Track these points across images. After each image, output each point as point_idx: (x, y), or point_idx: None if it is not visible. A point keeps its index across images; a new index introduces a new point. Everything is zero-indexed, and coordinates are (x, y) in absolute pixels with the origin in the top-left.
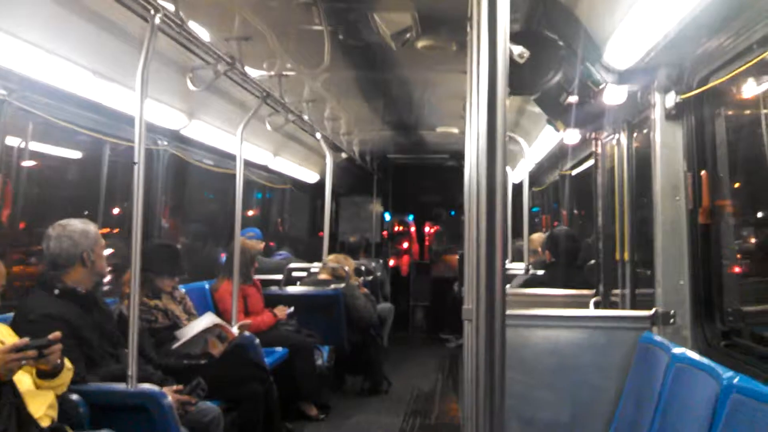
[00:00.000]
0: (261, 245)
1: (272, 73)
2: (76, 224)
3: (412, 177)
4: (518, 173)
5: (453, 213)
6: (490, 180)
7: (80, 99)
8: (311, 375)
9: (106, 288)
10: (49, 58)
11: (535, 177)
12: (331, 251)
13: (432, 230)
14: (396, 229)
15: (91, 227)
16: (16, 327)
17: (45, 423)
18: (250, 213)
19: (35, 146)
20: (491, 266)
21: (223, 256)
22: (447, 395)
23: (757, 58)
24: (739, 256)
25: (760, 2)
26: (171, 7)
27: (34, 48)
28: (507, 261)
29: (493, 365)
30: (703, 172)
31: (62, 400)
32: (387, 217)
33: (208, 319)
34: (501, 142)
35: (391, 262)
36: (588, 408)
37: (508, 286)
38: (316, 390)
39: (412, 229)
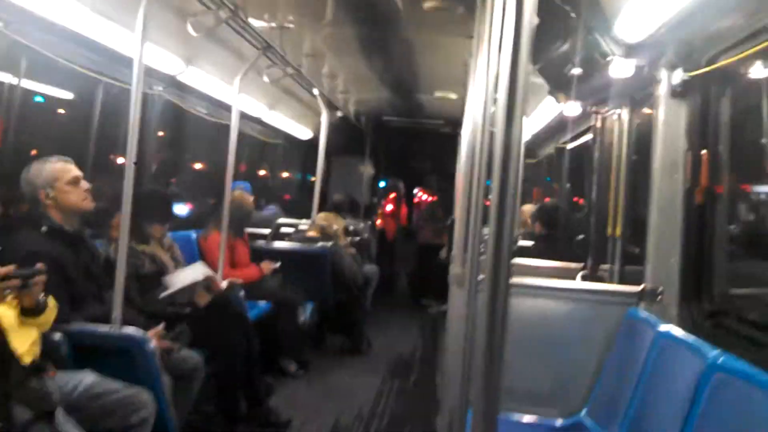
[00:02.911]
0: (252, 199)
1: (273, 24)
2: (35, 164)
3: (407, 141)
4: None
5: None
6: (506, 148)
7: (77, 36)
8: (294, 331)
9: (94, 230)
10: None
11: (530, 149)
12: (320, 210)
13: (429, 199)
14: (385, 193)
15: (49, 164)
16: (2, 264)
17: (27, 359)
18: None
19: (27, 84)
20: (500, 235)
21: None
22: (426, 359)
23: (766, 41)
24: (731, 238)
25: None
26: None
27: None
28: None
29: (494, 332)
30: (703, 152)
31: (45, 339)
32: (381, 183)
33: (198, 270)
34: (520, 110)
35: (378, 222)
36: (570, 379)
37: None
38: (298, 347)
39: (401, 193)
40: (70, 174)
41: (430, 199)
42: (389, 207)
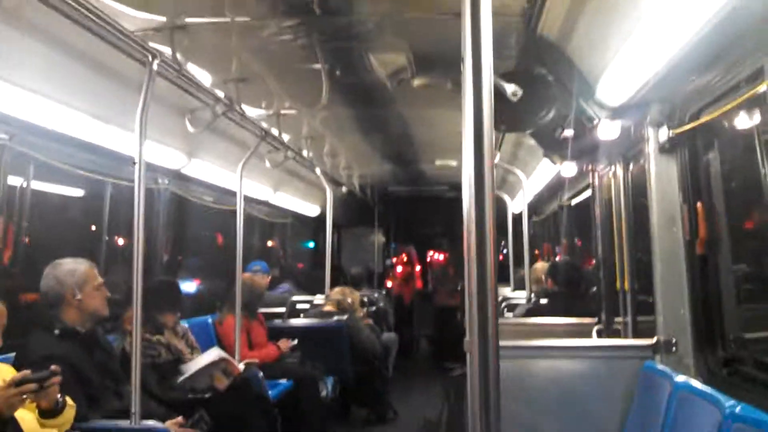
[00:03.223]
0: (267, 279)
1: (270, 112)
2: (65, 263)
3: (413, 208)
4: (518, 204)
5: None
6: (479, 211)
7: (80, 141)
8: (316, 407)
9: (107, 325)
10: (48, 103)
11: (534, 207)
12: (333, 283)
13: (441, 259)
14: (398, 259)
15: (81, 266)
16: (18, 369)
17: None
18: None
19: (37, 185)
20: (483, 295)
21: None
22: (452, 424)
23: (745, 95)
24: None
25: (746, 42)
26: (168, 52)
27: (34, 94)
28: (509, 290)
29: (487, 398)
30: (698, 204)
31: None
32: (392, 247)
33: (214, 353)
34: (489, 174)
35: (393, 289)
36: None
37: (511, 315)
38: (321, 421)
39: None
40: (98, 280)
41: (442, 260)
42: (402, 272)
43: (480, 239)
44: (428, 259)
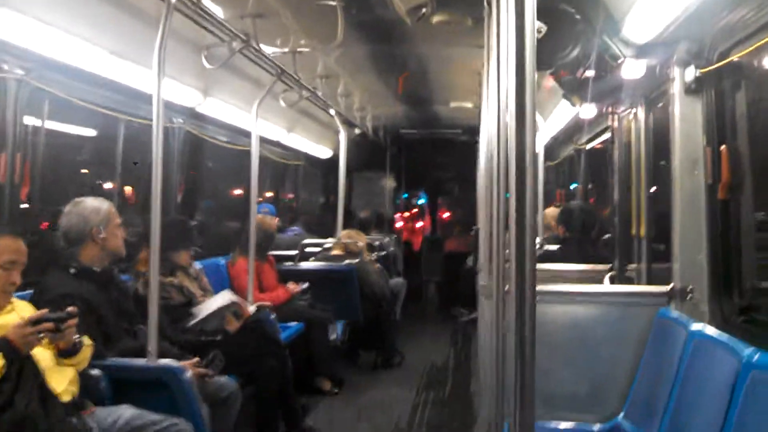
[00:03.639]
0: (275, 221)
1: (286, 49)
2: (89, 201)
3: (426, 152)
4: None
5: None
6: (519, 156)
7: (96, 77)
8: (326, 349)
9: (121, 266)
10: (65, 38)
11: (550, 151)
12: (344, 227)
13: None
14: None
15: (105, 205)
16: (36, 307)
17: (66, 398)
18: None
19: (51, 125)
20: (521, 244)
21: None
22: (460, 368)
23: None
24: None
25: None
26: None
27: (51, 28)
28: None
29: (523, 344)
30: (722, 147)
31: (83, 375)
32: (405, 195)
33: (225, 296)
34: (531, 116)
35: (403, 234)
36: (604, 383)
37: None
38: (331, 364)
39: (423, 203)
40: (118, 219)
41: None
42: (413, 219)
43: (520, 179)
44: (439, 205)
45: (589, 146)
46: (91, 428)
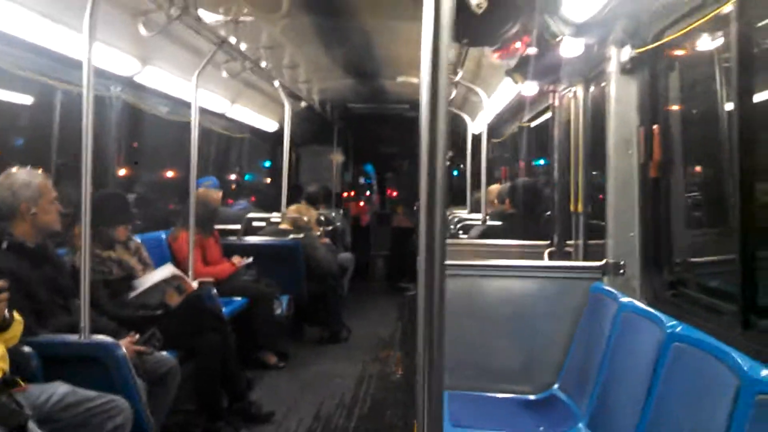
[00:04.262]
0: (219, 194)
1: (228, 18)
2: (19, 174)
3: (373, 127)
4: (478, 124)
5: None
6: (432, 127)
7: (28, 43)
8: (270, 324)
9: (57, 239)
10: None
11: (495, 128)
12: (290, 202)
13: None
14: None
15: (37, 179)
16: None
17: None
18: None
19: None
20: (431, 213)
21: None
22: (406, 342)
23: (710, 14)
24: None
25: None
26: None
27: None
28: (465, 212)
29: (431, 314)
30: (655, 127)
31: (14, 353)
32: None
33: (167, 270)
34: (443, 87)
35: (351, 209)
36: (540, 355)
37: (465, 236)
38: (275, 339)
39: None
40: (52, 194)
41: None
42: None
43: (431, 153)
44: (387, 180)
45: (533, 124)
46: (22, 406)
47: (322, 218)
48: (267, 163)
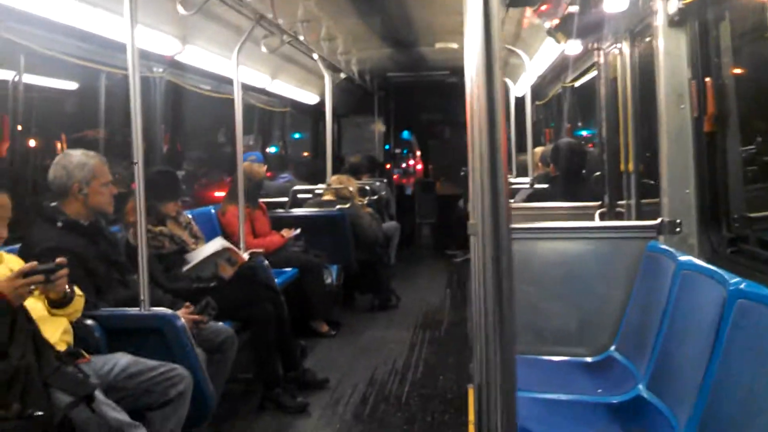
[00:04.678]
0: (264, 168)
1: None
2: (75, 155)
3: (414, 95)
4: (520, 87)
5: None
6: (489, 94)
7: (69, 28)
8: (321, 293)
9: (110, 217)
10: None
11: (537, 90)
12: (334, 173)
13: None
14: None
15: (92, 160)
16: (24, 260)
17: (61, 347)
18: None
19: (29, 78)
20: (494, 180)
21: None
22: (455, 308)
23: None
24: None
25: None
26: None
27: None
28: (511, 176)
29: (500, 278)
30: (707, 79)
31: (77, 326)
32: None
33: (217, 243)
34: (497, 52)
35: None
36: (595, 317)
37: (511, 200)
38: (327, 308)
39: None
40: (106, 176)
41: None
42: (405, 163)
43: (490, 120)
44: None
45: (576, 84)
46: (88, 376)
47: (367, 188)
48: (301, 135)
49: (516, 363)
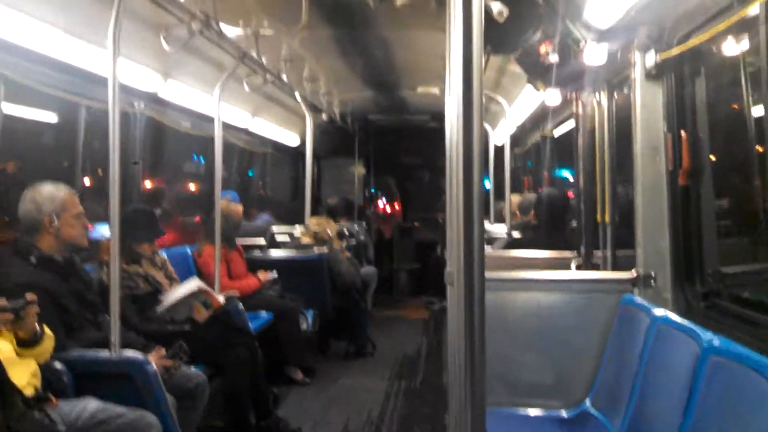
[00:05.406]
0: (240, 208)
1: (248, 31)
2: (45, 187)
3: (394, 138)
4: (500, 134)
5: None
6: (467, 139)
7: (53, 60)
8: (296, 339)
9: (83, 254)
10: (17, 16)
11: (517, 138)
12: (313, 215)
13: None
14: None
15: (61, 192)
16: None
17: (29, 392)
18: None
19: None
20: (470, 227)
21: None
22: (432, 357)
23: (736, 16)
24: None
25: None
26: None
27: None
28: (489, 223)
29: (473, 328)
30: (682, 133)
31: (45, 369)
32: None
33: (192, 284)
34: (477, 100)
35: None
36: (570, 370)
37: (489, 248)
38: (301, 354)
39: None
40: (77, 208)
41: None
42: (383, 206)
43: (467, 167)
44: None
45: (556, 133)
46: (54, 422)
47: (345, 231)
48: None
49: (487, 416)
